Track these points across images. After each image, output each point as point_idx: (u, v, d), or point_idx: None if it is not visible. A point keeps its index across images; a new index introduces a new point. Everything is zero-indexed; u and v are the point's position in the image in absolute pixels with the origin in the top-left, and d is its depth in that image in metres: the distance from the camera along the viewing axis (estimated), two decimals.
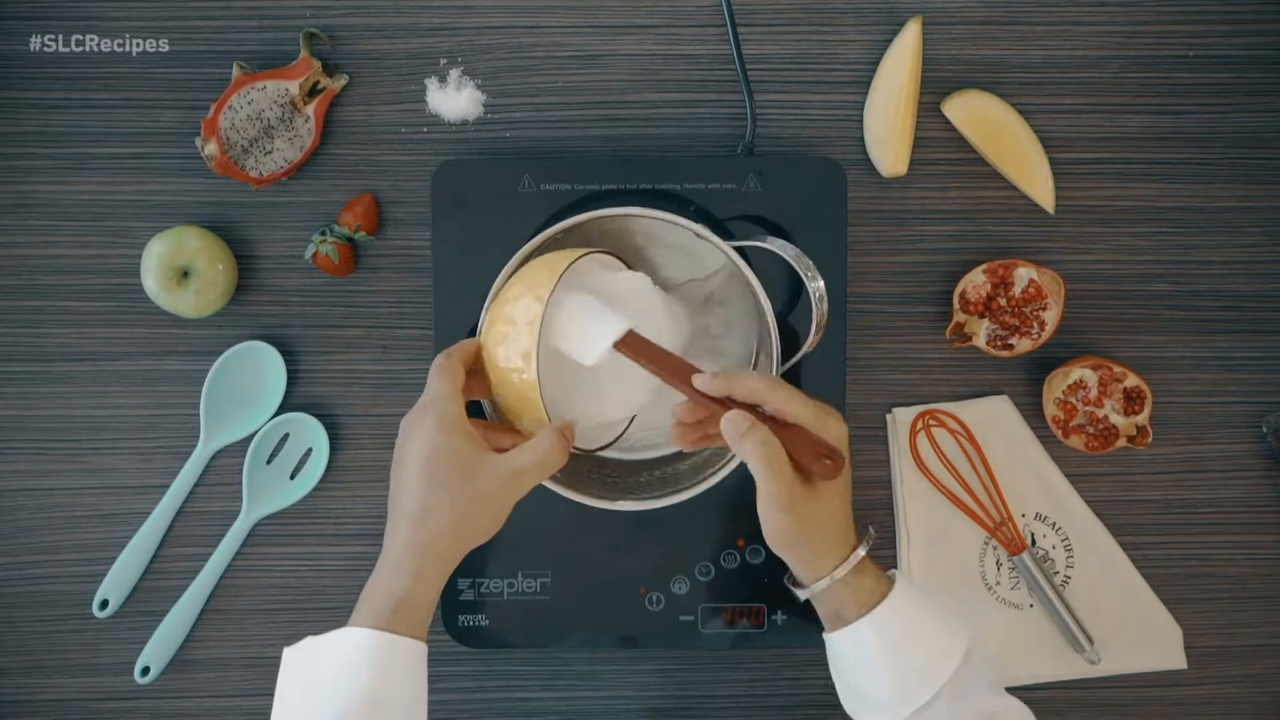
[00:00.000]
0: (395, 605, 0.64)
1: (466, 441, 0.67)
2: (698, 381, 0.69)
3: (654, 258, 0.83)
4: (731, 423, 0.67)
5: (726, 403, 0.68)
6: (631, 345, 0.72)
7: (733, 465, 0.78)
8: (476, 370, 0.72)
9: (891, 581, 0.71)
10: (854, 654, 0.70)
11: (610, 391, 0.77)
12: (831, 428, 0.68)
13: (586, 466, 0.83)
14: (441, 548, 0.66)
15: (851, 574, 0.69)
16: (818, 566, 0.70)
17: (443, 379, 0.69)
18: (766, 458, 0.66)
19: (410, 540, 0.66)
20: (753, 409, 0.68)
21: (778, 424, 0.68)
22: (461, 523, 0.66)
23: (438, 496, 0.66)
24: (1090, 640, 0.88)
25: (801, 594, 0.71)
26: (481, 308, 0.77)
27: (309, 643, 0.66)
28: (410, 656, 0.65)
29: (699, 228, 0.77)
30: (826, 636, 0.72)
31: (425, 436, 0.67)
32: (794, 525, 0.68)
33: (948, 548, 0.89)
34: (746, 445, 0.66)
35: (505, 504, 0.68)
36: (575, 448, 0.72)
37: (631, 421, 0.81)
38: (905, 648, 0.68)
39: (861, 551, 0.70)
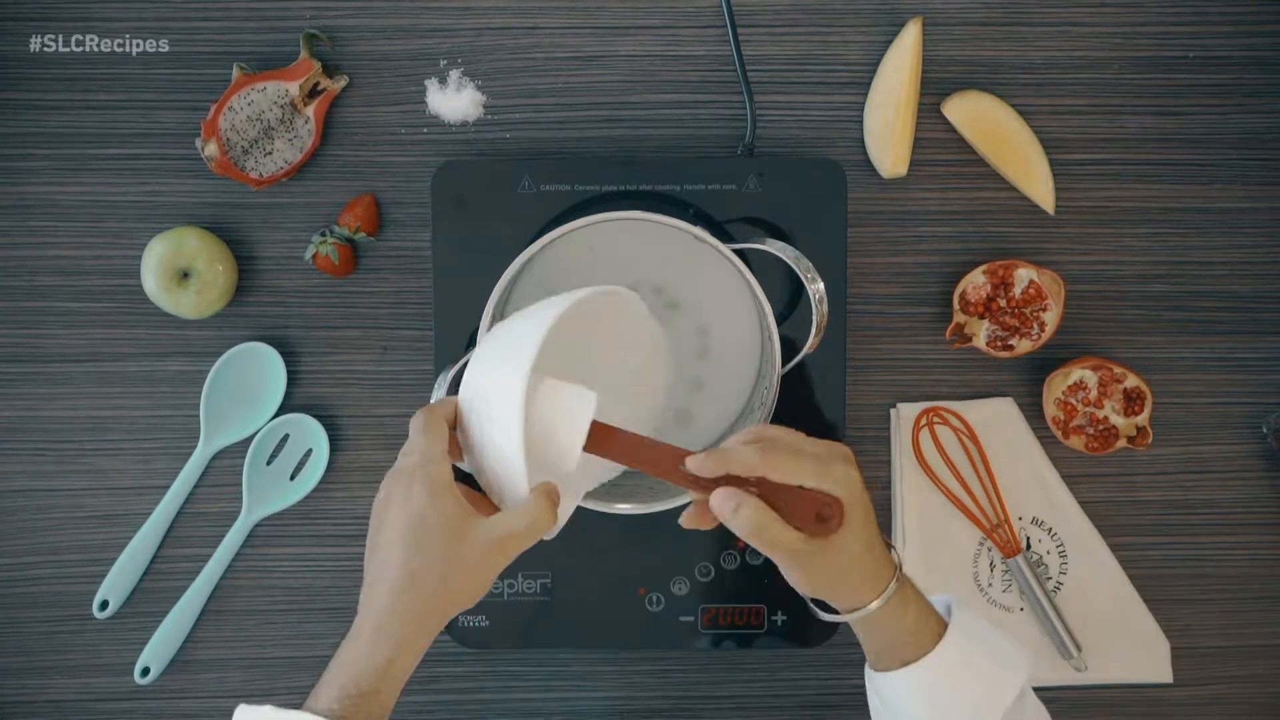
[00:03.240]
0: (373, 686, 0.61)
1: (455, 505, 0.63)
2: (691, 464, 0.64)
3: (652, 260, 0.83)
4: (721, 502, 0.64)
5: (723, 480, 0.64)
6: (602, 443, 0.66)
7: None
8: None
9: (942, 616, 0.68)
10: (906, 693, 0.67)
11: (594, 462, 0.71)
12: (837, 473, 0.64)
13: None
14: (427, 616, 0.63)
15: (894, 606, 0.66)
16: (853, 601, 0.67)
17: (429, 438, 0.65)
18: (761, 531, 0.63)
19: (393, 608, 0.62)
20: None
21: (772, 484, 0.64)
22: (448, 591, 0.63)
23: (425, 563, 0.62)
24: (1078, 647, 0.88)
25: (836, 619, 0.68)
26: (480, 310, 0.77)
27: (269, 713, 0.61)
28: None
29: (698, 231, 0.77)
30: (873, 674, 0.70)
31: (413, 500, 0.63)
32: (814, 579, 0.66)
33: (943, 546, 0.89)
34: (738, 523, 0.63)
35: (491, 571, 0.64)
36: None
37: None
38: (962, 688, 0.66)
39: (891, 588, 0.66)
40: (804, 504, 0.64)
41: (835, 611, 0.68)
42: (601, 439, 0.67)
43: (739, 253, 0.78)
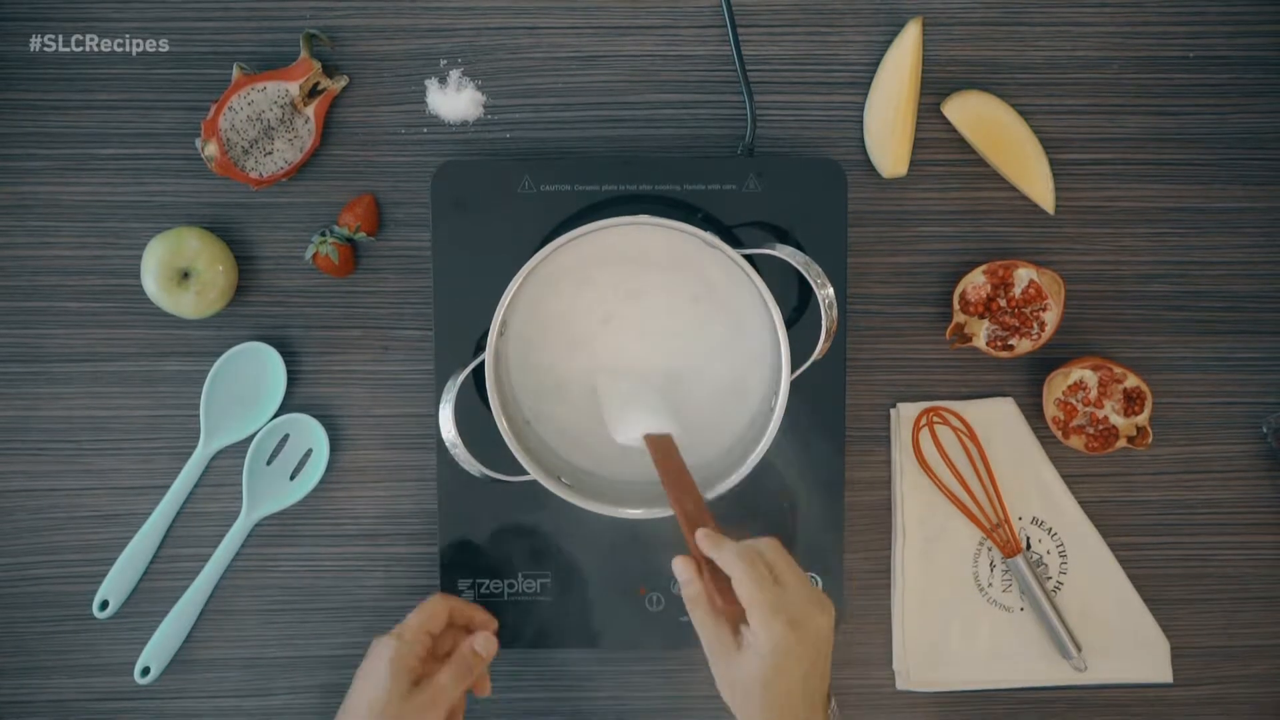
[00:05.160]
0: None
1: (399, 684, 0.74)
2: (697, 535, 0.71)
3: (658, 264, 0.83)
4: (678, 569, 0.72)
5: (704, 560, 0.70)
6: (661, 450, 0.75)
7: (729, 485, 0.79)
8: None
9: None
10: None
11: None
12: (770, 625, 0.67)
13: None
14: None
15: None
16: None
17: (416, 618, 0.77)
18: (694, 609, 0.71)
19: None
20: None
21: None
22: None
23: None
24: (1078, 647, 0.88)
25: None
26: (480, 309, 0.77)
27: None
28: None
29: (708, 236, 0.77)
30: None
31: (374, 671, 0.75)
32: (719, 673, 0.70)
33: (943, 546, 0.89)
34: (685, 592, 0.72)
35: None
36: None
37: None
38: None
39: None
40: (717, 603, 0.70)
41: None
42: (664, 448, 0.75)
43: (746, 258, 0.78)
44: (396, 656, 0.75)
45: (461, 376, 0.79)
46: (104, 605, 0.88)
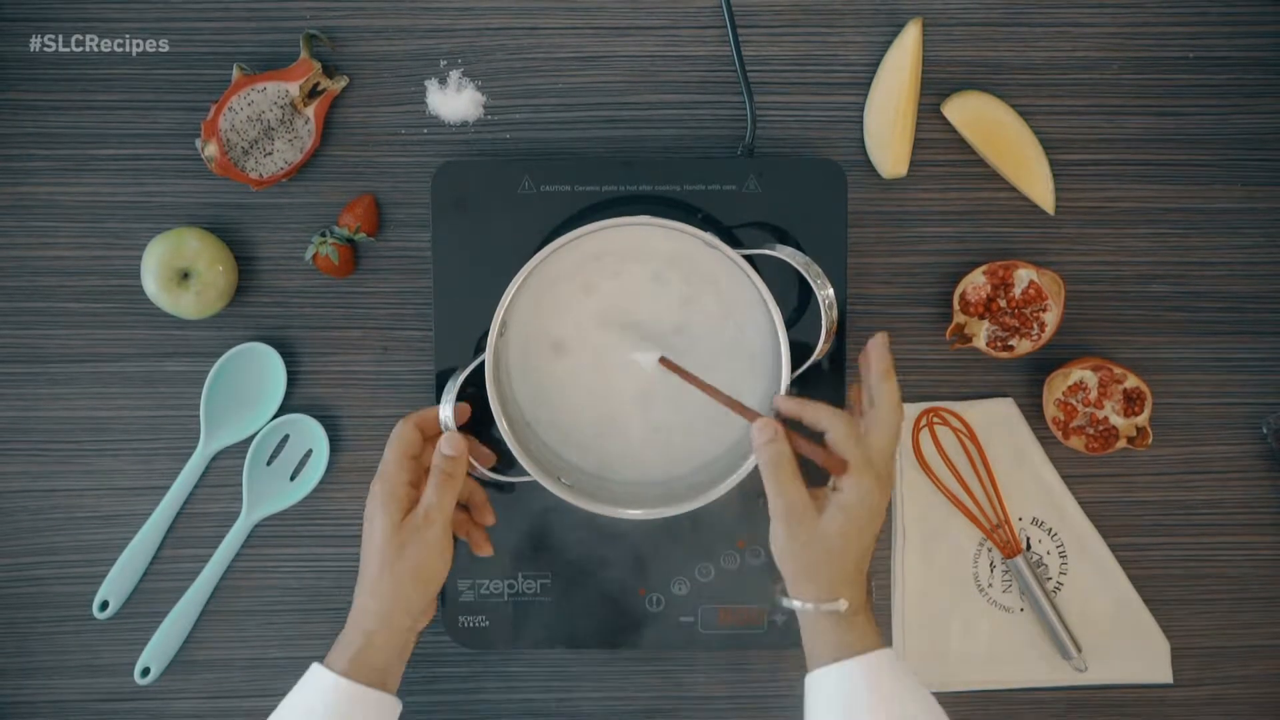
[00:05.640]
0: (354, 655, 0.74)
1: (390, 518, 0.75)
2: (777, 400, 0.76)
3: (658, 265, 0.83)
4: (759, 429, 0.72)
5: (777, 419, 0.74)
6: (676, 368, 0.79)
7: (730, 485, 0.79)
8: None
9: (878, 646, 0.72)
10: (824, 692, 0.71)
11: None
12: (861, 479, 0.71)
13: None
14: (393, 611, 0.75)
15: (836, 619, 0.71)
16: (801, 589, 0.72)
17: (388, 451, 0.77)
18: (777, 470, 0.72)
19: (365, 607, 0.75)
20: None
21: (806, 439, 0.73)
22: (389, 621, 0.75)
23: (379, 567, 0.75)
24: (1078, 648, 0.88)
25: (785, 604, 0.74)
26: (479, 310, 0.77)
27: (342, 685, 0.74)
28: (367, 700, 0.73)
29: (709, 237, 0.77)
30: (807, 675, 0.74)
31: (368, 512, 0.76)
32: (787, 537, 0.71)
33: (943, 547, 0.89)
34: (764, 456, 0.72)
35: (423, 583, 0.75)
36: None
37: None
38: (875, 706, 0.69)
39: (842, 605, 0.71)
40: (820, 457, 0.72)
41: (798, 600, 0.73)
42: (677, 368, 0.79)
43: (746, 258, 0.78)
44: (382, 492, 0.76)
45: (462, 377, 0.79)
46: (104, 606, 0.88)
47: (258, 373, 0.88)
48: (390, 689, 0.75)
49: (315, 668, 0.74)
